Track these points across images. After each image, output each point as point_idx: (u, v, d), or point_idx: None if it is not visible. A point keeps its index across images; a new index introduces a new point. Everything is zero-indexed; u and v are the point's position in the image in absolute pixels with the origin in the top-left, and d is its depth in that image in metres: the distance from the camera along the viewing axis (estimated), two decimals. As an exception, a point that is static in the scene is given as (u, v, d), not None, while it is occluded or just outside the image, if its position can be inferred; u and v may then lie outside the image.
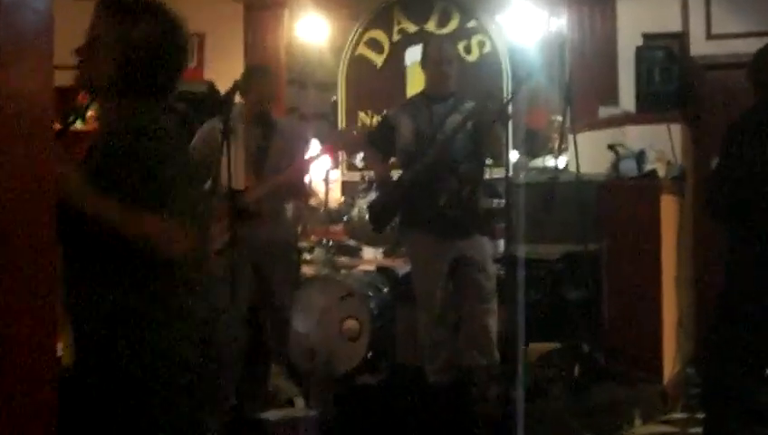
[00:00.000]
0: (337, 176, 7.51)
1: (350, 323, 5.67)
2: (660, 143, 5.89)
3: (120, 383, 2.09)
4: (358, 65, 7.96)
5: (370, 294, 5.92)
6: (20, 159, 1.40)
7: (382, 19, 7.93)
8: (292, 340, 5.38)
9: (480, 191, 5.01)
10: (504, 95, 7.06)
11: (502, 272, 5.23)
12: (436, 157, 4.81)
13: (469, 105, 4.88)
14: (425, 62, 5.08)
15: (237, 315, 4.70)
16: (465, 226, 4.88)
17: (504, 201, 5.16)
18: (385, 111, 5.46)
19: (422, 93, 5.13)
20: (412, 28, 7.85)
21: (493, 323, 4.94)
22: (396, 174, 5.17)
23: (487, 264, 4.96)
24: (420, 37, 7.64)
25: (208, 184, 5.00)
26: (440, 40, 6.13)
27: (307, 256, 6.34)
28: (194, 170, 2.32)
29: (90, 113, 7.23)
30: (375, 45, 7.94)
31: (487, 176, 5.45)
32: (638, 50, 6.43)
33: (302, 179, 5.08)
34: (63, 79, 2.19)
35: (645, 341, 5.31)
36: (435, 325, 4.94)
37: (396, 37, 7.89)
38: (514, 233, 5.38)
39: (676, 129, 6.12)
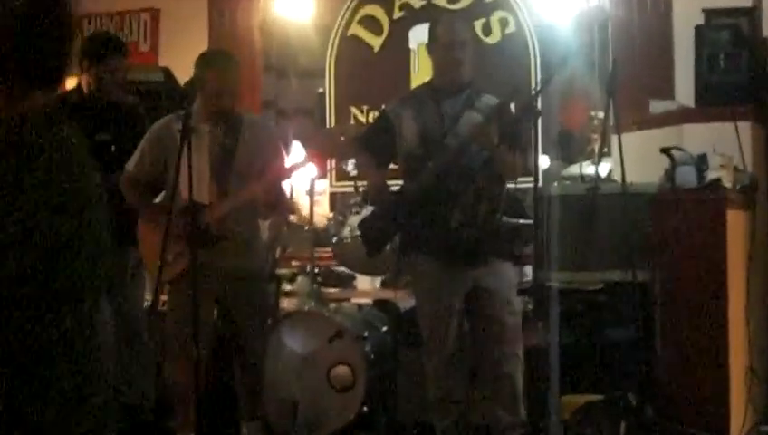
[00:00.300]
0: (324, 187, 7.54)
1: (341, 371, 5.69)
2: (726, 146, 5.90)
3: None
4: (350, 49, 8.01)
5: (366, 334, 5.94)
6: None
7: (381, -9, 8.00)
8: (267, 391, 5.41)
9: (502, 207, 4.99)
10: (533, 87, 7.10)
11: (530, 306, 5.26)
12: (446, 165, 4.83)
13: (488, 100, 4.91)
14: (432, 45, 5.11)
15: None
16: (483, 250, 4.89)
17: (531, 218, 5.20)
18: (383, 107, 5.48)
19: (429, 85, 5.16)
20: (418, 2, 7.90)
21: (517, 371, 4.96)
22: (396, 184, 5.19)
23: (511, 296, 4.97)
24: (428, 14, 7.67)
25: (162, 196, 5.06)
26: (452, 17, 6.16)
27: (288, 287, 6.37)
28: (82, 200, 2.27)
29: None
30: (371, 24, 7.99)
31: (511, 185, 5.46)
32: (698, 30, 6.44)
33: (280, 191, 5.12)
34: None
35: (707, 391, 5.32)
36: (445, 373, 4.96)
37: (397, 14, 7.95)
38: (545, 258, 5.41)
39: (746, 127, 6.12)
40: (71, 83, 5.51)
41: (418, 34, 7.76)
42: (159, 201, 5.15)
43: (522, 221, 5.64)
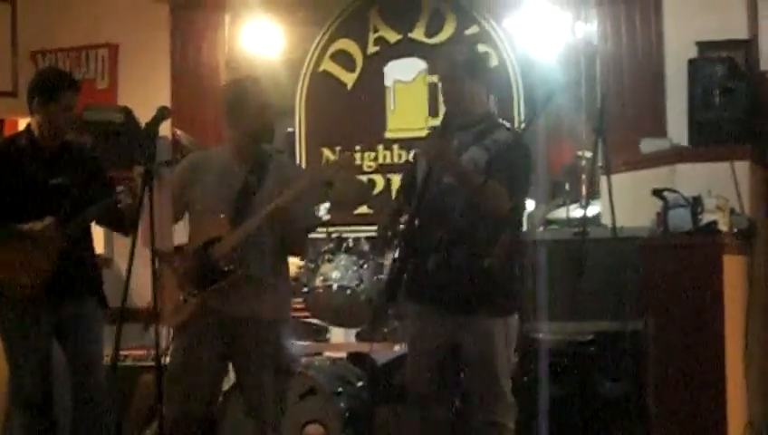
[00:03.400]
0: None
1: (313, 430, 5.67)
2: (722, 187, 5.93)
3: None
4: (321, 85, 8.05)
5: (340, 389, 5.93)
6: None
7: (354, 25, 8.05)
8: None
9: (495, 252, 4.83)
10: (517, 125, 7.12)
11: (515, 359, 5.25)
12: (426, 205, 4.81)
13: (500, 135, 4.84)
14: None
15: None
16: (463, 298, 4.82)
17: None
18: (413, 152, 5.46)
19: (444, 117, 5.10)
20: (393, 37, 7.96)
21: None
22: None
23: (496, 359, 4.85)
24: (404, 48, 7.74)
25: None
26: (448, 51, 5.99)
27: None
28: None
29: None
30: (344, 59, 8.03)
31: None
32: (692, 63, 6.48)
33: (300, 232, 5.02)
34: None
35: (705, 449, 5.33)
36: (423, 428, 4.93)
37: (372, 48, 7.99)
38: (532, 307, 5.42)
39: (743, 167, 6.16)
40: (23, 124, 5.49)
41: (394, 71, 7.81)
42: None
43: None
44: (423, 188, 4.82)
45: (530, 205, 6.48)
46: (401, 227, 5.03)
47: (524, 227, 5.13)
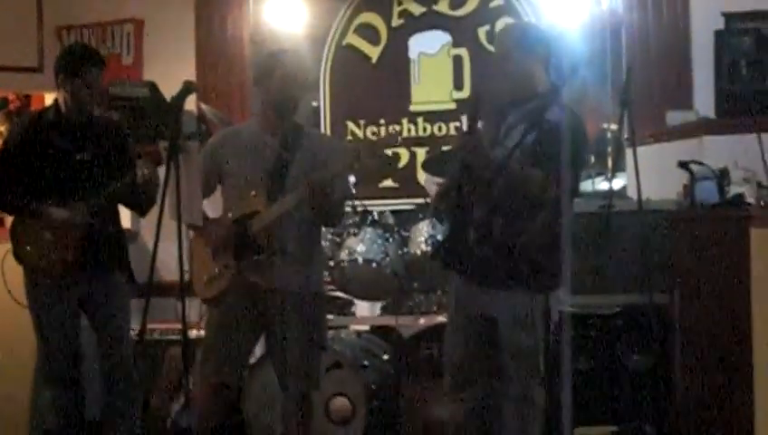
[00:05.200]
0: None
1: (339, 403, 5.69)
2: (749, 159, 5.90)
3: None
4: (346, 59, 8.03)
5: (365, 363, 5.95)
6: None
7: (378, -2, 8.01)
8: (256, 428, 5.40)
9: (532, 229, 4.80)
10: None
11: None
12: (468, 178, 4.79)
13: (553, 114, 4.78)
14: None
15: None
16: (501, 275, 4.79)
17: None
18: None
19: (470, 98, 5.07)
20: (418, 9, 7.92)
21: (534, 422, 4.88)
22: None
23: (531, 335, 4.80)
24: (428, 21, 7.71)
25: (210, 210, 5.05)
26: (507, 28, 5.90)
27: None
28: None
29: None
30: (369, 33, 8.01)
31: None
32: (718, 35, 6.45)
33: (338, 202, 4.98)
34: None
35: (731, 422, 5.31)
36: (456, 398, 4.93)
37: (396, 21, 7.97)
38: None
39: (770, 139, 6.15)
40: (49, 100, 5.51)
41: (419, 43, 7.79)
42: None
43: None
44: (463, 164, 4.81)
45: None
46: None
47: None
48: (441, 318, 5.98)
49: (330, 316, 6.58)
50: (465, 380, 4.89)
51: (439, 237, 5.98)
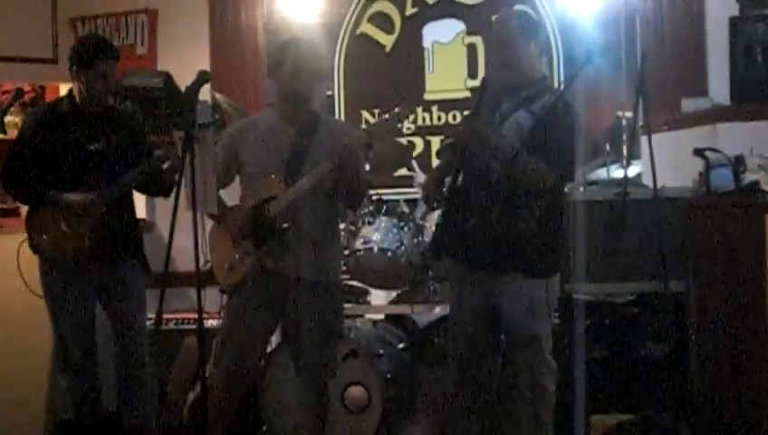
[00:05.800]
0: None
1: (355, 392, 5.69)
2: (764, 146, 5.88)
3: None
4: (360, 48, 8.02)
5: (381, 351, 5.95)
6: None
7: (392, -14, 8.00)
8: (272, 416, 5.40)
9: (530, 215, 4.81)
10: (556, 85, 7.08)
11: (556, 321, 5.25)
12: (467, 165, 4.80)
13: (549, 100, 4.79)
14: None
15: None
16: (501, 261, 4.80)
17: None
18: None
19: (482, 84, 5.08)
20: (432, -3, 7.91)
21: (546, 408, 4.88)
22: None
23: (535, 320, 4.81)
24: (442, 9, 7.69)
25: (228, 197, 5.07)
26: (503, 16, 5.91)
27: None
28: None
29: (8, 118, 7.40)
30: (383, 21, 8.00)
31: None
32: (733, 21, 6.42)
33: (358, 181, 4.97)
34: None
35: (747, 410, 5.29)
36: (462, 380, 4.93)
37: (410, 10, 7.94)
38: (571, 268, 5.40)
39: (786, 126, 6.12)
40: (63, 90, 5.52)
41: (433, 32, 7.78)
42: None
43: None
44: (463, 150, 4.82)
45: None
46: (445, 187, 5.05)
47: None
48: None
49: (345, 305, 6.60)
50: (471, 370, 4.91)
51: None
